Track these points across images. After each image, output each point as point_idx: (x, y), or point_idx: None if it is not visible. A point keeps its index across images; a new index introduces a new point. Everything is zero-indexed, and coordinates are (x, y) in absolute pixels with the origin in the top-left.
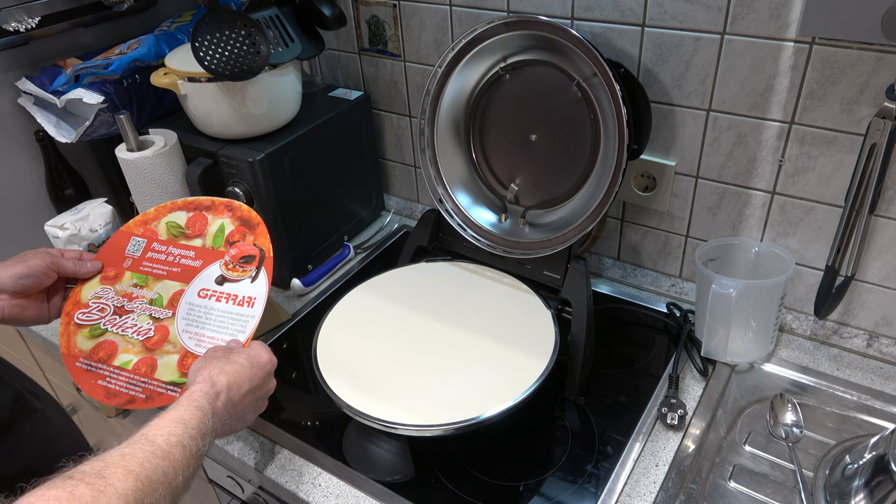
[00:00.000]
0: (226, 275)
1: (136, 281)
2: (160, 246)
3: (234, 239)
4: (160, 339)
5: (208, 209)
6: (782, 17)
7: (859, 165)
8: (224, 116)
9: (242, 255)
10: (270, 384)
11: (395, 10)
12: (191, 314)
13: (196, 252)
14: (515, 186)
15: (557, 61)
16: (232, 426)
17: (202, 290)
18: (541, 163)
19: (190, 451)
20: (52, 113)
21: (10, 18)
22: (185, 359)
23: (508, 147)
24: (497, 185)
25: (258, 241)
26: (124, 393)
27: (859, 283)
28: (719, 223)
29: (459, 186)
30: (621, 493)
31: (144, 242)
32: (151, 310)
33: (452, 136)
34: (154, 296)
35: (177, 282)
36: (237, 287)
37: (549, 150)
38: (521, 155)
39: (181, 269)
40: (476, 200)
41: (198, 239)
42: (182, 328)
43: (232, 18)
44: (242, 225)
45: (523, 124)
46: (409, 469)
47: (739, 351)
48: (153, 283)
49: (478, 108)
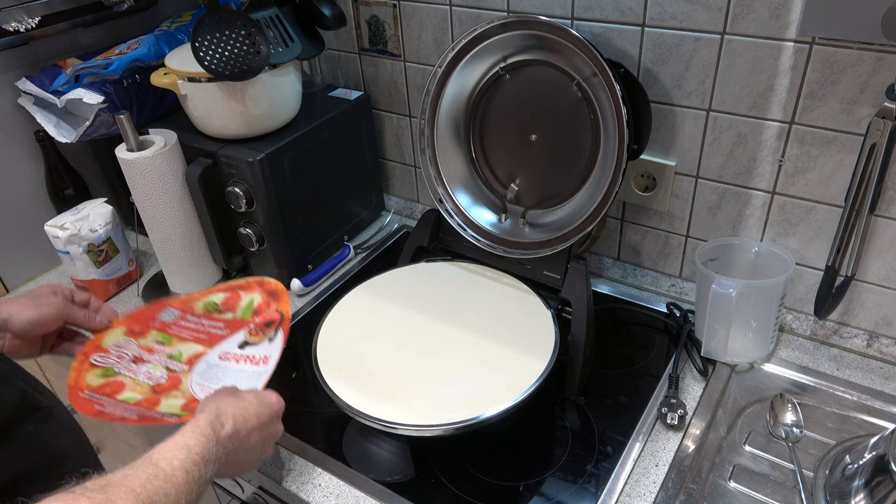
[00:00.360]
0: (248, 340)
1: (159, 339)
2: (193, 317)
3: (261, 309)
4: (170, 386)
5: (243, 288)
6: (782, 17)
7: (859, 165)
8: (224, 116)
9: (266, 321)
10: (278, 427)
11: (395, 10)
12: (207, 371)
13: (225, 323)
14: (515, 187)
15: (557, 61)
16: (237, 463)
17: (224, 353)
18: (540, 163)
19: (193, 476)
20: (52, 113)
21: (10, 18)
22: (190, 403)
23: (508, 147)
24: (497, 185)
25: (280, 307)
26: (117, 416)
27: (859, 283)
28: (719, 223)
29: (459, 186)
30: (621, 493)
31: (178, 313)
32: (169, 363)
33: (452, 136)
34: (175, 352)
35: (200, 345)
36: (255, 349)
37: (548, 149)
38: (520, 155)
39: (208, 336)
40: (476, 200)
41: (229, 313)
42: (195, 381)
43: (232, 18)
44: (269, 296)
45: (523, 124)
46: (409, 469)
47: (739, 351)
48: (176, 343)
49: (477, 108)
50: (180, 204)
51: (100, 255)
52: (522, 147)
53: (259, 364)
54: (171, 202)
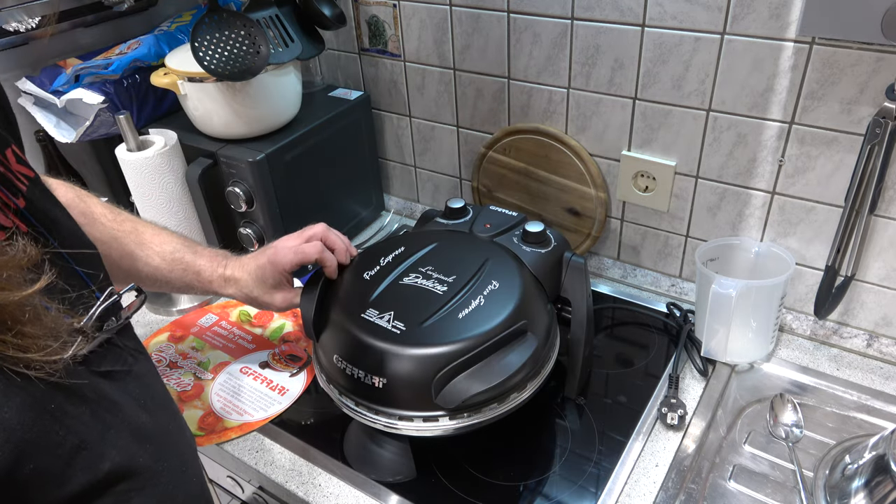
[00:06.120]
0: (270, 363)
1: (195, 345)
2: (227, 324)
3: (289, 338)
4: (194, 394)
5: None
6: (782, 17)
7: (859, 165)
8: (224, 116)
9: (290, 353)
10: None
11: (395, 10)
12: (227, 382)
13: (253, 338)
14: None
15: None
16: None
17: (245, 367)
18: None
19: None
20: (52, 113)
21: (11, 18)
22: (206, 416)
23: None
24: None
25: (308, 349)
26: None
27: (859, 283)
28: (719, 223)
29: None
30: (621, 493)
31: (216, 318)
32: (198, 370)
33: None
34: (205, 359)
35: (227, 354)
36: (276, 375)
37: None
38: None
39: (235, 346)
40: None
41: (259, 328)
42: (215, 391)
43: (232, 18)
44: (301, 332)
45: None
46: (410, 469)
47: (739, 351)
48: (208, 350)
49: None
50: (180, 204)
51: None
52: None
53: (275, 391)
54: (171, 202)
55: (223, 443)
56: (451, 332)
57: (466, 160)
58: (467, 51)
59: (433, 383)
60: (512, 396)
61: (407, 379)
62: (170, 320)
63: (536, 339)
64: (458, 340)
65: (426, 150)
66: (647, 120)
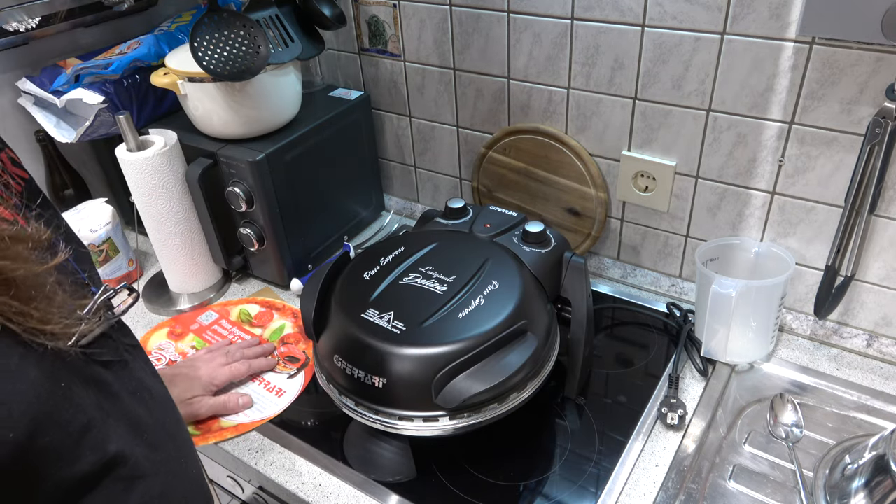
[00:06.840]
0: None
1: (194, 343)
2: (227, 324)
3: (289, 340)
4: None
5: (278, 310)
6: (782, 17)
7: (859, 165)
8: (224, 116)
9: (289, 355)
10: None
11: (395, 10)
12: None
13: (252, 338)
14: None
15: None
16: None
17: None
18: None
19: None
20: (52, 113)
21: (10, 18)
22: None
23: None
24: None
25: (307, 351)
26: None
27: (859, 283)
28: (719, 223)
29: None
30: (621, 493)
31: (216, 316)
32: None
33: None
34: None
35: None
36: (274, 377)
37: None
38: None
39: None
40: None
41: (259, 329)
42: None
43: (231, 18)
44: (300, 332)
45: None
46: (410, 469)
47: (739, 351)
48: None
49: None
50: (180, 204)
51: (100, 255)
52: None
53: (272, 393)
54: (171, 202)
55: (219, 442)
56: (451, 332)
57: (466, 160)
58: (467, 51)
59: (433, 383)
60: (512, 396)
61: (407, 379)
62: (169, 318)
63: (536, 339)
64: (458, 340)
65: (426, 150)
66: (647, 120)
